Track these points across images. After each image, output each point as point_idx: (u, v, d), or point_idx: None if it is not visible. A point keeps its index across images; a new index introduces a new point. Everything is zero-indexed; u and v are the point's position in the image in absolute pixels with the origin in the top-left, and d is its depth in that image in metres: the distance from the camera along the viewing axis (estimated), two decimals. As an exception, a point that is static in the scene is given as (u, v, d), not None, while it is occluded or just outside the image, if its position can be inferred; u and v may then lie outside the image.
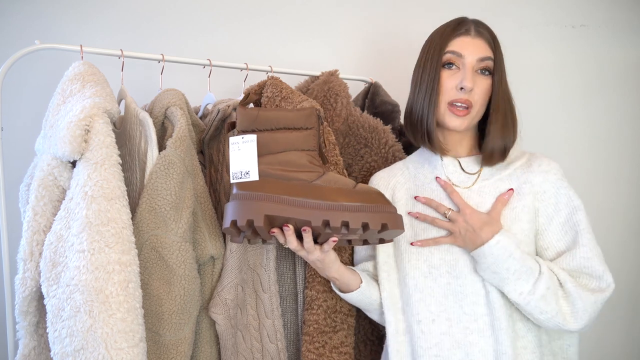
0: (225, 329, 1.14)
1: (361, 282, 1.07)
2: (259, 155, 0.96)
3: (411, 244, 1.05)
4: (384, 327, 1.11)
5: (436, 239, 1.03)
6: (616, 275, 1.73)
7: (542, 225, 1.03)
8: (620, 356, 1.81)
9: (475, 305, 1.00)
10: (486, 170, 1.07)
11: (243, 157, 0.94)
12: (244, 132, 0.97)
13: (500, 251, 0.95)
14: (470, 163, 1.08)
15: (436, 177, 1.07)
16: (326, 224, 0.90)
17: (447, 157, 1.09)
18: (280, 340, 1.15)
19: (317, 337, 1.12)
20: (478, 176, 1.07)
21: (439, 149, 1.07)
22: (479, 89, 1.02)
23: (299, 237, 0.97)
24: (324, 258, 1.00)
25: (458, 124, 1.03)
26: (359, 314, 1.22)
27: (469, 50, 1.02)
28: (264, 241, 1.04)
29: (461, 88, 1.01)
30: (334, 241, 0.96)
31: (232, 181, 0.94)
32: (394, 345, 1.06)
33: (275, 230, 0.94)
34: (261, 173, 0.94)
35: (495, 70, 1.03)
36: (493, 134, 1.03)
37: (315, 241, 0.99)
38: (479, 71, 1.03)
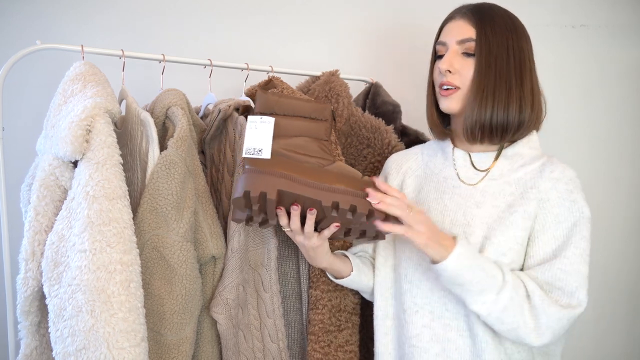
0: (227, 329, 1.14)
1: (352, 270, 1.09)
2: (273, 137, 0.97)
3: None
4: None
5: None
6: (616, 275, 1.76)
7: (535, 232, 0.98)
8: (621, 356, 1.81)
9: (458, 304, 1.00)
10: (496, 169, 1.04)
11: (258, 135, 0.96)
12: (263, 114, 0.99)
13: (462, 264, 0.90)
14: (482, 158, 1.05)
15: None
16: (335, 205, 0.92)
17: (459, 149, 1.08)
18: (282, 340, 1.15)
19: (322, 337, 1.13)
20: (486, 174, 1.04)
21: (439, 134, 1.10)
22: (464, 71, 1.01)
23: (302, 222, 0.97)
24: (319, 246, 1.00)
25: (446, 106, 1.04)
26: (366, 312, 1.22)
27: (450, 35, 1.03)
28: (261, 224, 1.03)
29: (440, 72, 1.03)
30: (337, 226, 0.95)
31: (243, 155, 0.95)
32: (381, 329, 1.09)
33: (282, 209, 0.94)
34: (274, 152, 0.95)
35: (477, 50, 0.99)
36: (465, 110, 1.01)
37: (315, 228, 0.99)
38: (463, 54, 1.01)
